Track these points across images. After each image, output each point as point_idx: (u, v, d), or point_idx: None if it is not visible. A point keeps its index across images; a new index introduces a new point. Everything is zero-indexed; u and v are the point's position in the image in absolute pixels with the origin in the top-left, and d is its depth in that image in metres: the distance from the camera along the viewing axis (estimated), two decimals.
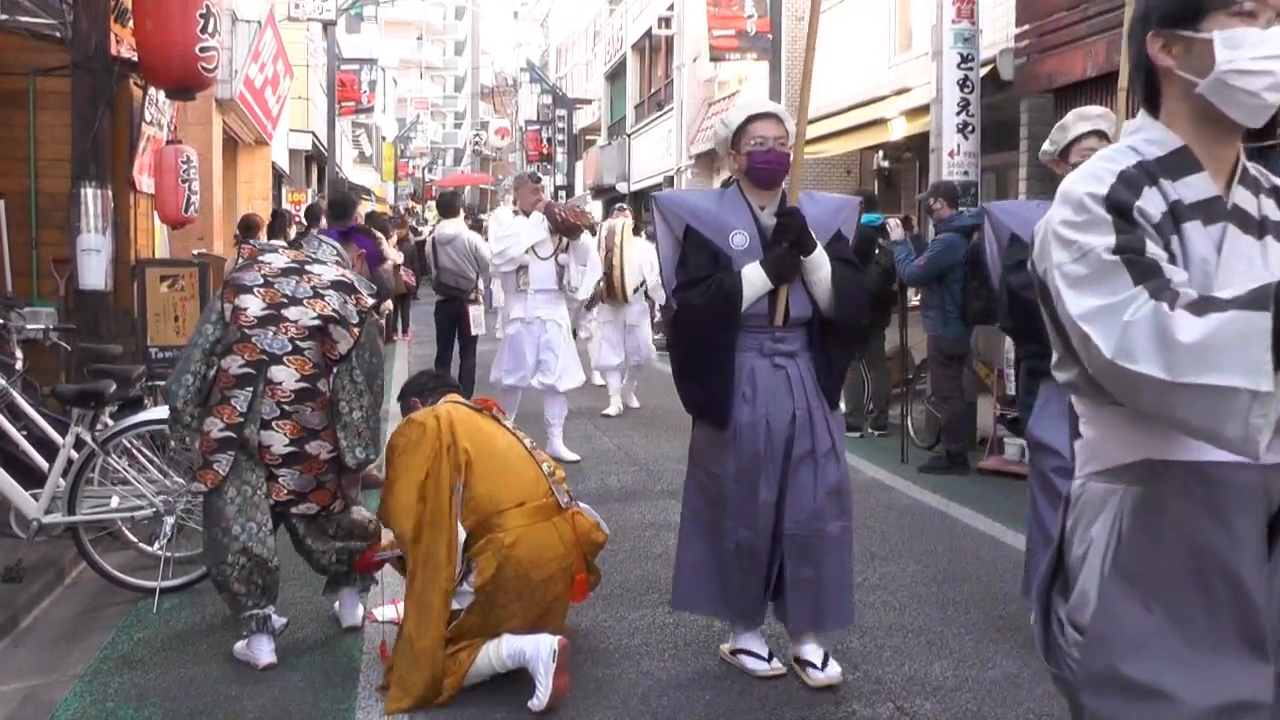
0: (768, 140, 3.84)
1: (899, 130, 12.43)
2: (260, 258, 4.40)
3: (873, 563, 5.46)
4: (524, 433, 4.38)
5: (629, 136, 29.56)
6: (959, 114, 9.50)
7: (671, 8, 24.24)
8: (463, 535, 3.91)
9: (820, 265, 3.82)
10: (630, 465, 7.77)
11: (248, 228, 9.71)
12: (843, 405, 6.92)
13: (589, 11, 37.08)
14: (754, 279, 3.76)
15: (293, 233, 10.74)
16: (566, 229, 7.91)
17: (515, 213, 8.23)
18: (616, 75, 32.57)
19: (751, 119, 3.89)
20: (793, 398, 3.84)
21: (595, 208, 27.32)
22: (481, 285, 10.08)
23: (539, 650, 3.74)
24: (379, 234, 5.56)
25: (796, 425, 3.84)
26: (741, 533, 3.85)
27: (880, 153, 14.61)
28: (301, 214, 13.70)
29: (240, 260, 4.61)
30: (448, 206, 10.31)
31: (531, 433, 6.44)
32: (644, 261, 9.97)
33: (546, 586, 3.91)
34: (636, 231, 11.03)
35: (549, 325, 7.99)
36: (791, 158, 3.88)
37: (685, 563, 4.09)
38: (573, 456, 7.85)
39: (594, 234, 8.95)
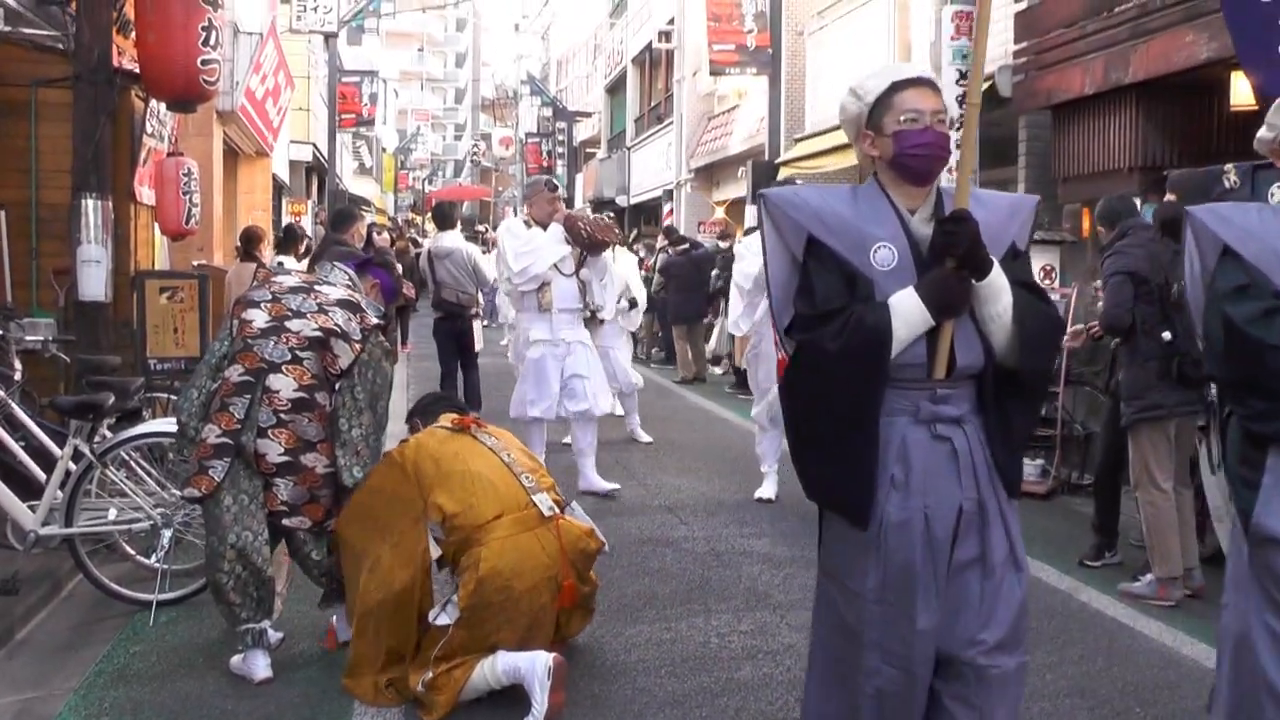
0: (923, 115, 2.73)
1: None
2: (273, 278, 4.51)
3: None
4: (507, 445, 4.37)
5: (629, 150, 29.61)
6: (957, 130, 9.51)
7: (672, 22, 24.31)
8: (437, 553, 3.97)
9: (998, 293, 2.70)
10: (627, 480, 7.77)
11: (249, 239, 9.66)
12: None
13: (589, 25, 37.16)
14: (908, 312, 2.64)
15: (302, 248, 10.63)
16: (592, 245, 7.22)
17: (527, 223, 7.48)
18: (617, 88, 32.63)
19: (898, 86, 2.78)
20: (960, 482, 2.73)
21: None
22: (481, 299, 9.80)
23: (534, 667, 3.75)
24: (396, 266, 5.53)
25: (962, 522, 2.73)
26: (886, 673, 2.74)
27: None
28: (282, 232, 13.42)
29: (255, 281, 4.69)
30: (445, 218, 10.03)
31: (554, 462, 6.44)
32: (627, 276, 9.70)
33: (531, 596, 3.92)
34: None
35: (575, 347, 7.33)
36: (961, 140, 2.80)
37: (810, 712, 3.02)
38: (611, 485, 7.36)
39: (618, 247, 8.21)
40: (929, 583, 2.71)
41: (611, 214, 11.72)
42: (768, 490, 7.22)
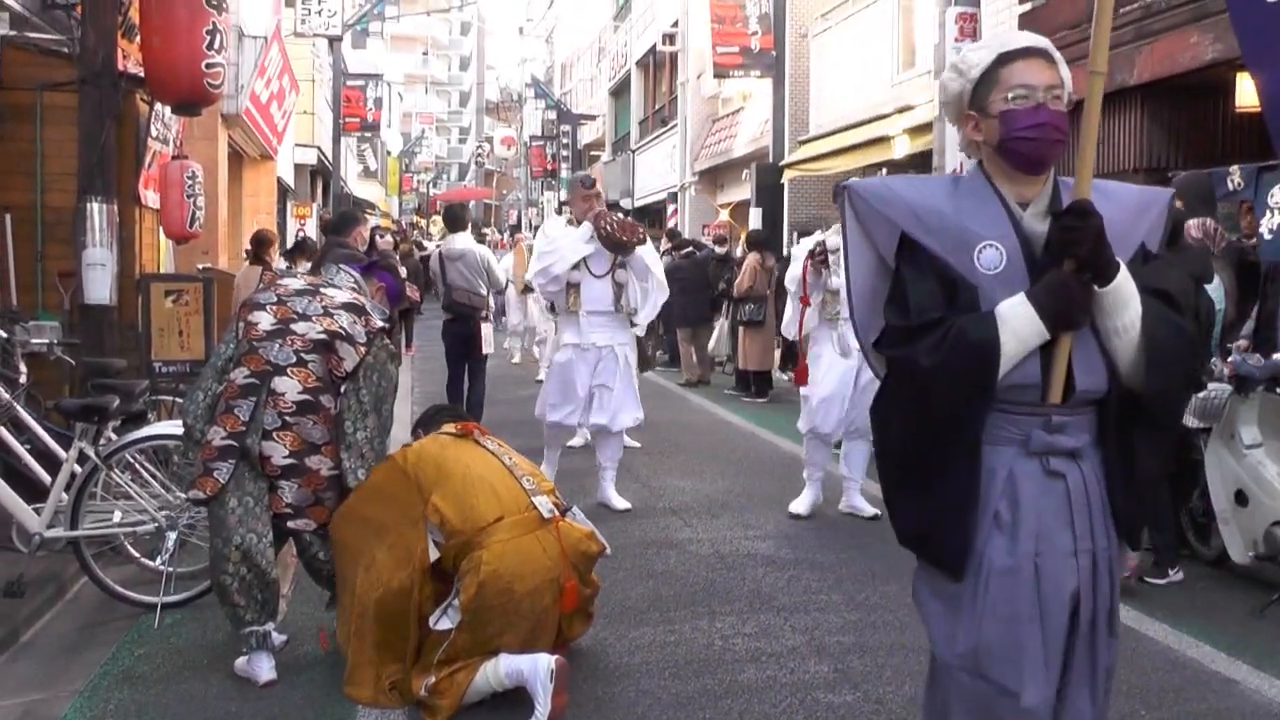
0: (1035, 91, 2.33)
1: (902, 148, 12.47)
2: (279, 281, 4.53)
3: (874, 581, 5.46)
4: (508, 450, 4.38)
5: (633, 152, 29.65)
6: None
7: (676, 25, 24.34)
8: (435, 555, 3.97)
9: (1125, 302, 2.29)
10: (631, 482, 7.76)
11: (260, 243, 9.63)
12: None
13: (594, 28, 37.21)
14: (1019, 324, 2.24)
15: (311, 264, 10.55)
16: (612, 245, 6.80)
17: (569, 223, 7.17)
18: (621, 91, 32.67)
19: (1005, 59, 2.37)
20: (1073, 528, 2.32)
21: None
22: (492, 302, 9.62)
23: (537, 669, 3.75)
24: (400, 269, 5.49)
25: (1080, 575, 2.32)
26: None
27: (883, 170, 14.65)
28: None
29: (261, 284, 4.70)
30: (455, 220, 9.78)
31: (571, 469, 6.41)
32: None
33: (533, 598, 3.92)
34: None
35: (605, 353, 6.97)
36: (1084, 122, 2.35)
37: None
38: (624, 505, 6.99)
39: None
40: (1037, 649, 2.28)
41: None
42: (801, 505, 6.82)
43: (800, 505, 6.83)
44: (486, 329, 9.40)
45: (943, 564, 2.35)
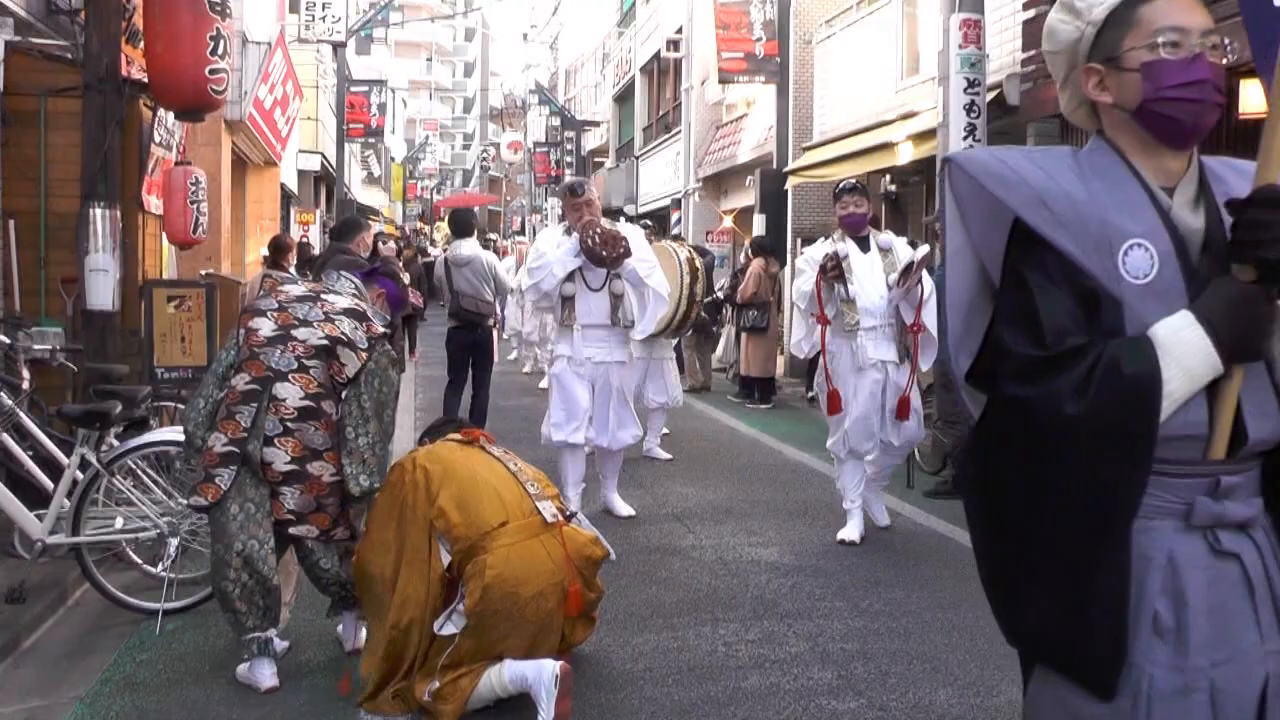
0: (1188, 36, 1.79)
1: (906, 154, 12.45)
2: (280, 287, 4.53)
3: (877, 588, 5.44)
4: (514, 455, 4.37)
5: (637, 159, 29.63)
6: (965, 138, 9.48)
7: (680, 31, 24.33)
8: (446, 559, 3.95)
9: None
10: (635, 488, 7.75)
11: (278, 248, 9.61)
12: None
13: (598, 34, 37.23)
14: (1186, 353, 1.68)
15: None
16: (593, 260, 6.39)
17: (567, 231, 6.67)
18: (625, 97, 32.67)
19: None
20: (1258, 624, 1.74)
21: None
22: (498, 309, 9.45)
23: (541, 675, 3.74)
24: (403, 277, 5.42)
25: (1270, 694, 1.72)
26: None
27: (887, 176, 14.64)
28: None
29: (262, 290, 4.70)
30: (463, 225, 9.56)
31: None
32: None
33: (537, 602, 3.91)
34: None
35: (600, 370, 6.64)
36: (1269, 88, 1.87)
37: None
38: (627, 511, 6.94)
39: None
40: None
41: (649, 223, 11.56)
42: (851, 532, 6.34)
43: (851, 533, 6.35)
44: (495, 336, 9.31)
45: (1085, 679, 1.74)
